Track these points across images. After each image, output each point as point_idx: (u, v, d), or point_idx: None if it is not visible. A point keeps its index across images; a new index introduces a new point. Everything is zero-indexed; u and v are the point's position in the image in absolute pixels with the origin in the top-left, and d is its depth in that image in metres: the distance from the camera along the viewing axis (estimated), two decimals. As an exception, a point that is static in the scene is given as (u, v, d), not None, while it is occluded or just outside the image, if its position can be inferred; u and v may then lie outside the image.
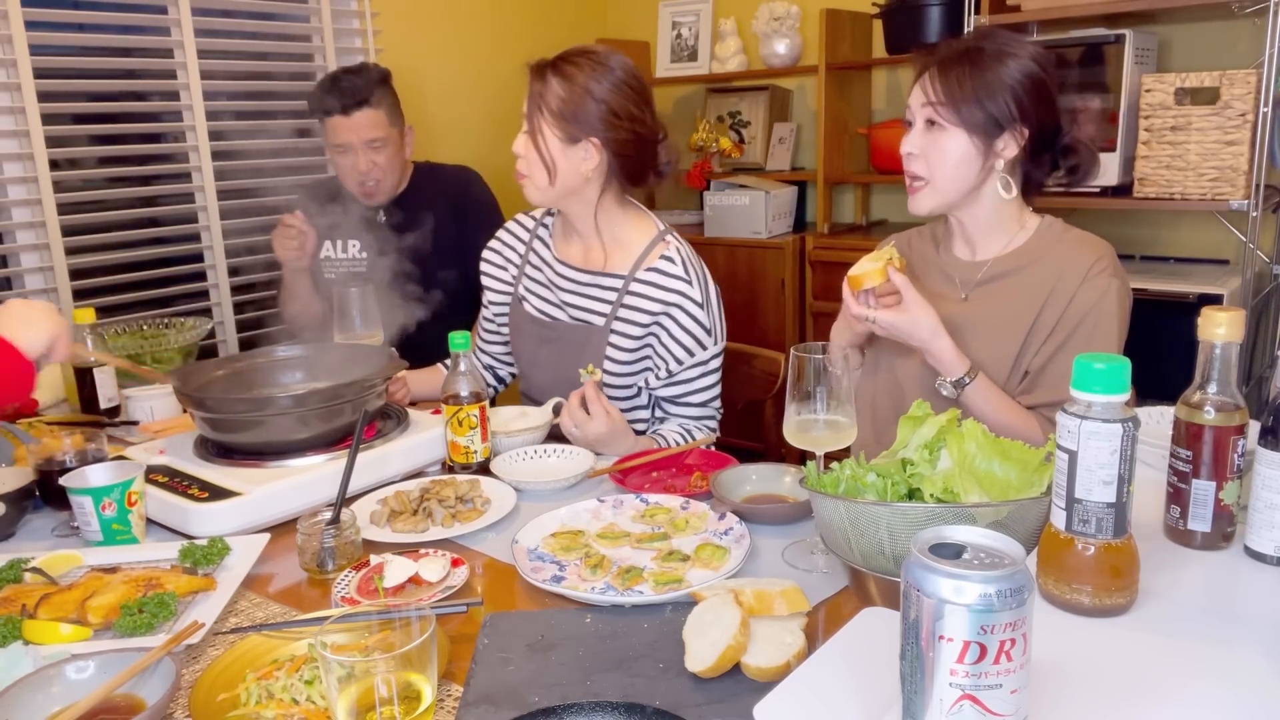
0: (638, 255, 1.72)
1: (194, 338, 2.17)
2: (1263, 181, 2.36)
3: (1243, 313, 0.91)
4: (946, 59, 1.46)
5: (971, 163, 1.46)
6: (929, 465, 1.02)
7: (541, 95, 1.63)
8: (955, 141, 1.44)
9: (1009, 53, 1.44)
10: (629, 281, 1.71)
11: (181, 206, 2.66)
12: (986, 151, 1.45)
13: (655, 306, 1.68)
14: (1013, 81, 1.43)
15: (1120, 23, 2.56)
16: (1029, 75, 1.44)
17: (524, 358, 1.86)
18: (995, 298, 1.52)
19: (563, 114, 1.62)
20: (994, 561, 0.64)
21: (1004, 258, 1.54)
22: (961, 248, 1.59)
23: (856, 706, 0.75)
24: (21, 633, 1.02)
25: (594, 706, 0.84)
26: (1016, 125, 1.44)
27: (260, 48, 2.84)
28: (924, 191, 1.50)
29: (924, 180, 1.49)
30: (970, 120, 1.43)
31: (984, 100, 1.42)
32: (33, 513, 1.40)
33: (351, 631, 0.90)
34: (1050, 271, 1.48)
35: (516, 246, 1.90)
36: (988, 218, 1.53)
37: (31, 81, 2.28)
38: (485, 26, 3.37)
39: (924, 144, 1.48)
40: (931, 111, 1.45)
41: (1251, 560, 0.94)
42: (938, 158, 1.46)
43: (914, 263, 1.64)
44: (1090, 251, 1.48)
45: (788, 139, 3.57)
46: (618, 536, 1.24)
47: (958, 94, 1.43)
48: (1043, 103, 1.45)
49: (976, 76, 1.43)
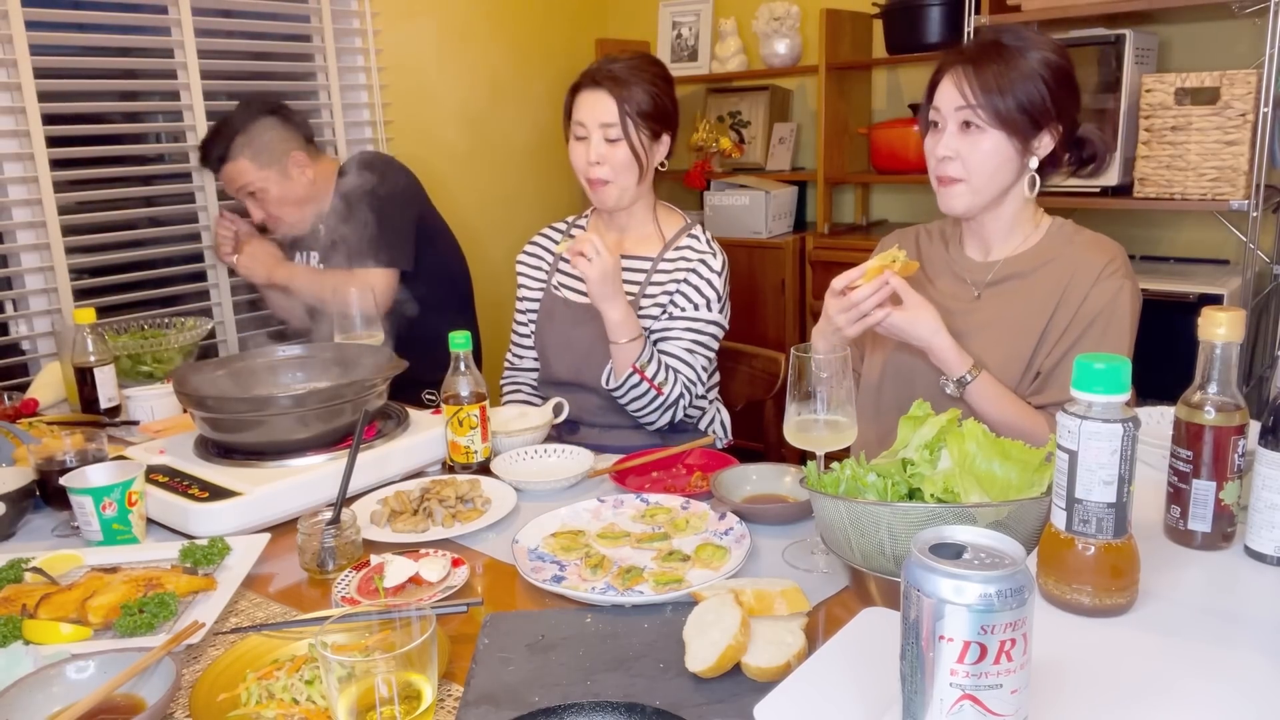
0: (668, 240, 1.87)
1: (194, 338, 2.17)
2: (1263, 181, 2.36)
3: (1243, 313, 0.91)
4: (976, 57, 1.42)
5: (1011, 163, 1.44)
6: (929, 465, 1.03)
7: (626, 100, 1.76)
8: (994, 142, 1.42)
9: (1030, 45, 1.42)
10: (658, 261, 1.86)
11: (181, 206, 2.65)
12: (1024, 150, 1.43)
13: (679, 274, 1.83)
14: (1045, 75, 1.40)
15: (1120, 23, 2.56)
16: (1056, 67, 1.41)
17: (554, 342, 1.91)
18: (1007, 298, 1.51)
19: (651, 113, 1.78)
20: (994, 561, 0.64)
21: (1015, 258, 1.52)
22: (974, 248, 1.58)
23: (856, 706, 0.75)
24: (21, 633, 1.02)
25: (594, 706, 0.84)
26: (1053, 120, 1.42)
27: (260, 48, 2.84)
28: (960, 190, 1.46)
29: (960, 181, 1.46)
30: (1009, 119, 1.40)
31: (1021, 98, 1.39)
32: (33, 513, 1.40)
33: (352, 631, 0.90)
34: (1062, 272, 1.47)
35: (549, 247, 2.01)
36: (1008, 218, 1.51)
37: (31, 81, 2.28)
38: (485, 26, 3.37)
39: (960, 145, 1.44)
40: (970, 114, 1.42)
41: (1251, 560, 0.94)
42: (977, 160, 1.43)
43: (924, 263, 1.63)
44: (1102, 253, 1.47)
45: (788, 139, 3.56)
46: (618, 536, 1.24)
47: (995, 93, 1.40)
48: (1072, 94, 1.43)
49: (1011, 74, 1.40)
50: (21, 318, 2.40)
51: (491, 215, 3.41)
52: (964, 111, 1.42)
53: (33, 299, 2.39)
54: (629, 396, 1.75)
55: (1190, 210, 2.60)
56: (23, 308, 2.41)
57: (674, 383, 1.76)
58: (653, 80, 1.79)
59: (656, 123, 1.80)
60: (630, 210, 1.88)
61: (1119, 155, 2.52)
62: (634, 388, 1.73)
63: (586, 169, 1.80)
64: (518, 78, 3.43)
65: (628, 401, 1.75)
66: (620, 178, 1.79)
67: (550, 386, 1.92)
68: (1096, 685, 0.76)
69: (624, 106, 1.75)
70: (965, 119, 1.43)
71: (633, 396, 1.74)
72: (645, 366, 1.72)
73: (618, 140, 1.77)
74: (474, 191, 3.37)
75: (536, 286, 1.99)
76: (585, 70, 1.82)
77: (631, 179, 1.80)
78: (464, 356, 1.50)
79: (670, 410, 1.77)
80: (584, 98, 1.79)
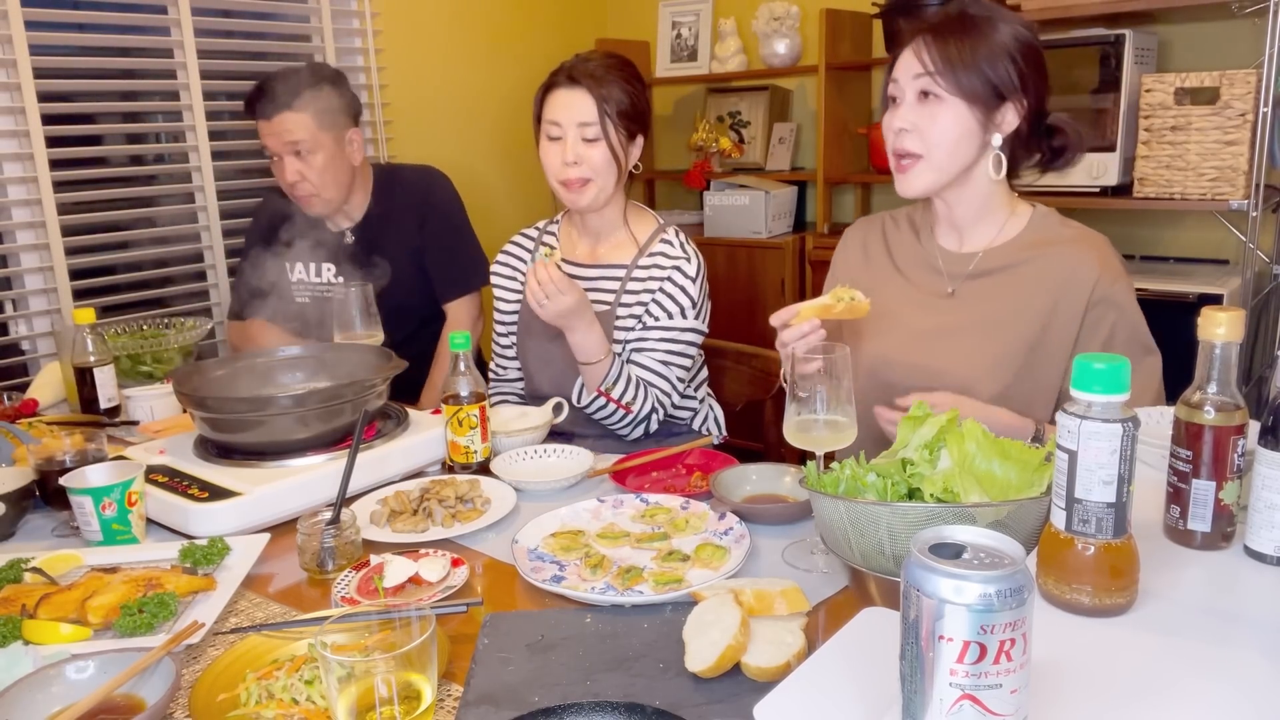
0: (641, 244, 1.81)
1: (194, 338, 2.17)
2: (1262, 181, 2.36)
3: (1243, 313, 0.91)
4: (939, 25, 1.36)
5: (972, 137, 1.36)
6: (929, 465, 1.02)
7: (606, 99, 1.70)
8: (954, 113, 1.35)
9: (1000, 18, 1.36)
10: (631, 268, 1.80)
11: (181, 206, 2.66)
12: (986, 124, 1.36)
13: (653, 283, 1.77)
14: (1011, 47, 1.34)
15: (1120, 23, 2.56)
16: (1025, 41, 1.35)
17: (534, 356, 1.87)
18: (988, 295, 1.45)
19: (629, 113, 1.73)
20: (994, 561, 0.64)
21: (996, 250, 1.45)
22: (948, 236, 1.51)
23: (856, 706, 0.75)
24: (21, 633, 1.02)
25: (594, 706, 0.84)
26: (1018, 94, 1.35)
27: (260, 48, 2.84)
28: (917, 169, 1.39)
29: (918, 157, 1.39)
30: (970, 88, 1.34)
31: (984, 66, 1.33)
32: (33, 513, 1.40)
33: (351, 631, 0.90)
34: (1051, 277, 1.40)
35: (523, 256, 1.95)
36: (978, 200, 1.44)
37: (31, 81, 2.28)
38: (485, 25, 3.38)
39: (917, 118, 1.37)
40: (928, 81, 1.35)
41: (1251, 560, 0.94)
42: (935, 131, 1.36)
43: (894, 253, 1.58)
44: (1093, 255, 1.40)
45: (788, 139, 3.56)
46: (618, 536, 1.24)
47: (956, 60, 1.33)
48: (1038, 72, 1.36)
49: (975, 41, 1.33)
50: (21, 318, 2.40)
51: (492, 216, 3.41)
52: (922, 80, 1.36)
53: (32, 299, 2.40)
54: (599, 414, 1.71)
55: (1190, 210, 2.60)
56: (22, 308, 2.41)
57: (644, 399, 1.71)
58: (629, 80, 1.73)
59: (633, 123, 1.75)
60: (603, 213, 1.81)
61: (1119, 155, 2.52)
62: (602, 407, 1.69)
63: (561, 170, 1.72)
64: (517, 77, 3.42)
65: (599, 418, 1.72)
66: (599, 177, 1.73)
67: (536, 401, 1.87)
68: (1096, 685, 0.75)
69: (603, 106, 1.69)
70: (924, 88, 1.36)
71: (602, 415, 1.71)
72: (612, 388, 1.67)
73: (596, 140, 1.70)
74: (474, 192, 3.37)
75: (513, 300, 1.92)
76: (558, 68, 1.74)
77: (610, 180, 1.74)
78: (464, 357, 1.50)
79: (643, 424, 1.74)
80: (559, 96, 1.72)
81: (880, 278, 1.58)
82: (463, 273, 2.24)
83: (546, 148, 1.74)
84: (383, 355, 1.60)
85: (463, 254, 2.24)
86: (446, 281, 2.23)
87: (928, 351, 1.47)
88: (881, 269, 1.60)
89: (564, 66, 1.74)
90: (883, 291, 1.52)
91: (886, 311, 1.49)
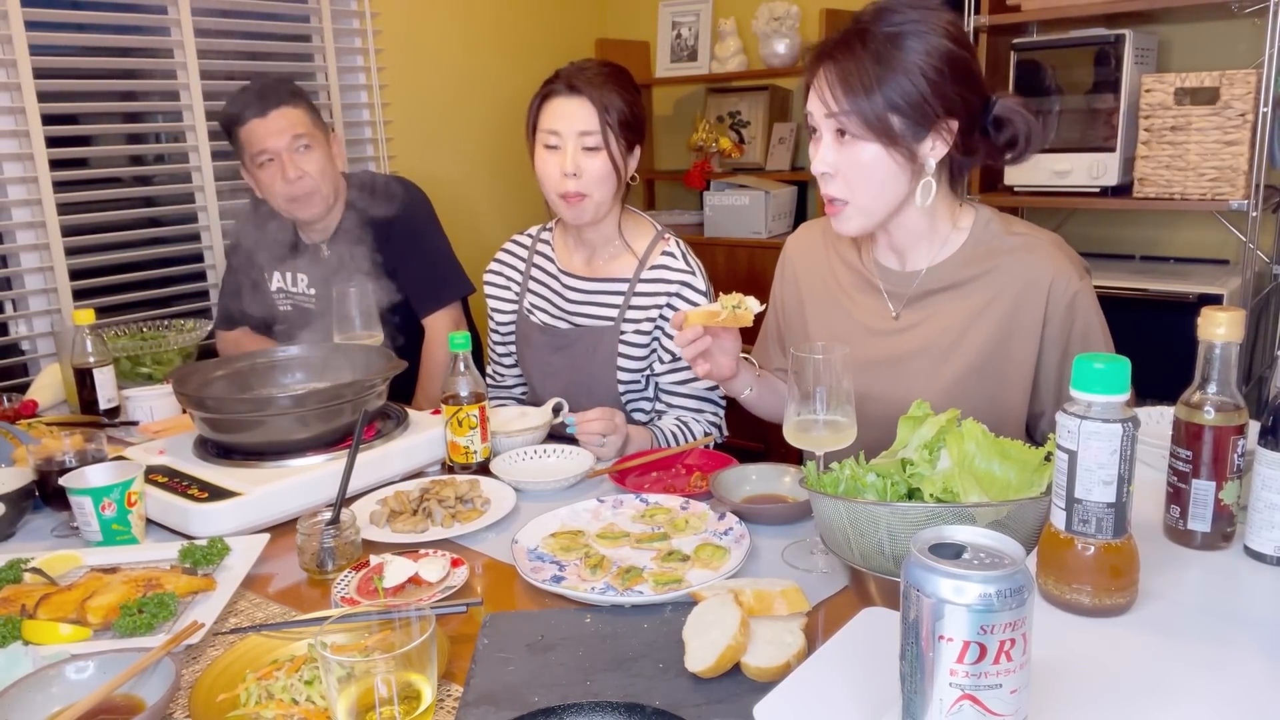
0: (641, 256, 1.76)
1: (193, 339, 2.17)
2: (1262, 181, 2.36)
3: (1243, 313, 0.91)
4: (839, 51, 1.21)
5: (898, 175, 1.24)
6: (929, 465, 1.02)
7: (607, 108, 1.64)
8: (872, 154, 1.22)
9: (909, 31, 1.19)
10: (634, 283, 1.74)
11: (181, 206, 2.66)
12: (911, 159, 1.23)
13: (661, 299, 1.71)
14: (926, 66, 1.18)
15: (1120, 23, 2.56)
16: (940, 53, 1.19)
17: (536, 368, 1.85)
18: (935, 316, 1.35)
19: (629, 123, 1.68)
20: (994, 561, 0.64)
21: (940, 266, 1.35)
22: (887, 256, 1.41)
23: (856, 706, 0.75)
24: (21, 633, 1.02)
25: (594, 706, 0.84)
26: (941, 119, 1.21)
27: (260, 48, 2.84)
28: (846, 214, 1.29)
29: (844, 202, 1.28)
30: (884, 129, 1.20)
31: (896, 98, 1.18)
32: (33, 513, 1.40)
33: (351, 631, 0.90)
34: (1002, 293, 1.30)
35: (517, 265, 1.91)
36: (917, 225, 1.33)
37: (31, 81, 2.28)
38: (485, 25, 3.38)
39: (838, 159, 1.25)
40: (838, 121, 1.22)
41: (1251, 560, 0.94)
42: (858, 176, 1.25)
43: (833, 271, 1.49)
44: (1045, 263, 1.29)
45: (787, 139, 3.56)
46: (617, 536, 1.24)
47: (861, 95, 1.19)
48: (964, 82, 1.21)
49: (881, 70, 1.18)
50: (21, 318, 2.40)
51: (492, 217, 3.41)
52: (832, 120, 1.23)
53: (32, 299, 2.40)
54: None
55: (1190, 210, 2.60)
56: (22, 308, 2.41)
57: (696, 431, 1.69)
58: (627, 88, 1.68)
59: (632, 133, 1.69)
60: (599, 226, 1.74)
61: (1119, 155, 2.52)
62: None
63: (560, 182, 1.65)
64: (517, 77, 3.42)
65: None
66: (597, 190, 1.66)
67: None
68: (1096, 685, 0.75)
69: (605, 115, 1.63)
70: (837, 126, 1.23)
71: None
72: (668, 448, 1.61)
73: (596, 149, 1.64)
74: (474, 193, 3.38)
75: (509, 309, 1.89)
76: (554, 76, 1.68)
77: (609, 192, 1.68)
78: (463, 357, 1.50)
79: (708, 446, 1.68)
80: (558, 105, 1.65)
81: (822, 306, 1.50)
82: (436, 287, 2.15)
83: (543, 158, 1.68)
84: (383, 355, 1.60)
85: (436, 268, 2.16)
86: (420, 297, 2.14)
87: (875, 383, 1.38)
88: (822, 296, 1.51)
89: (561, 74, 1.68)
90: (825, 321, 1.48)
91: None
